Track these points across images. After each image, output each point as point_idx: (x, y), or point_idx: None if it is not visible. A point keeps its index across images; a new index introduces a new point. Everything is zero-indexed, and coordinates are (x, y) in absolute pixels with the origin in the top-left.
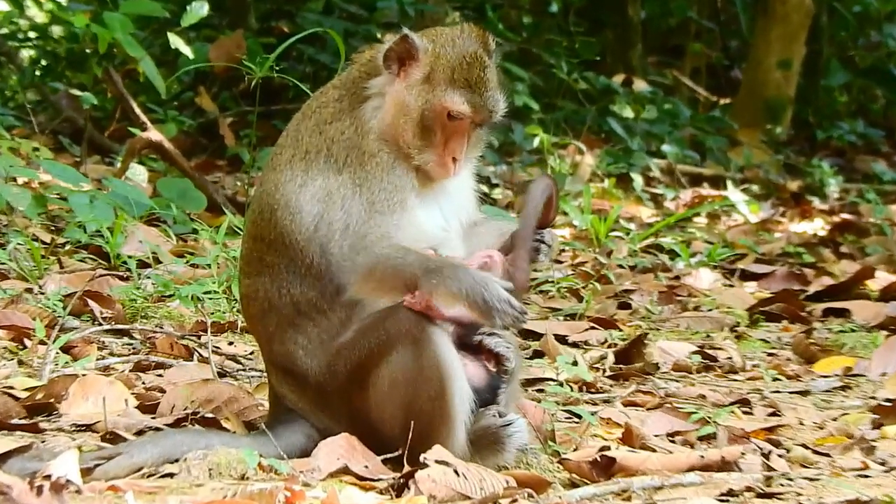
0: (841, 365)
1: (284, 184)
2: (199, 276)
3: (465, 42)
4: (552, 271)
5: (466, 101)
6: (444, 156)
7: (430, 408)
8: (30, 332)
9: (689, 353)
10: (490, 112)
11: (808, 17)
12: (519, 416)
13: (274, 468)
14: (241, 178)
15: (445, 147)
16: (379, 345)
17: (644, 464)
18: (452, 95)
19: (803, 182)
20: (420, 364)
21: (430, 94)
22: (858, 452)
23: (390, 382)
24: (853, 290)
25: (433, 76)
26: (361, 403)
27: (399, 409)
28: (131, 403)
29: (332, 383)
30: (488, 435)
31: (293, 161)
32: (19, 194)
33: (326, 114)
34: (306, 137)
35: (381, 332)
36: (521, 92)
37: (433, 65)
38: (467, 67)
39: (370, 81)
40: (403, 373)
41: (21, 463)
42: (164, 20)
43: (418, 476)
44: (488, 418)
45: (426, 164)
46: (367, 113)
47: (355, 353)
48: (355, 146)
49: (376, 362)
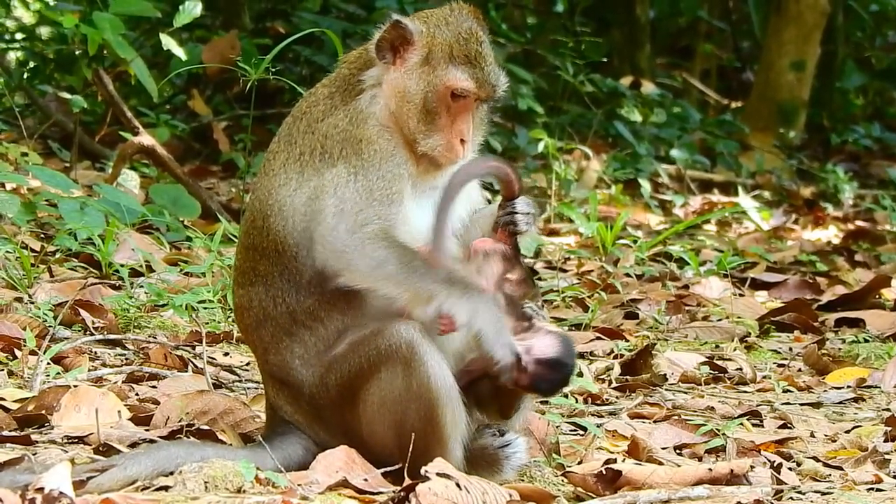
0: (854, 376)
1: (278, 189)
2: (193, 285)
3: (459, 19)
4: (557, 280)
5: (469, 77)
6: (452, 138)
7: (422, 428)
8: (20, 343)
9: (697, 364)
10: (493, 87)
11: (822, 17)
12: (518, 436)
13: (271, 481)
14: (235, 184)
15: (452, 129)
16: (369, 361)
17: (651, 477)
18: (455, 72)
19: (817, 188)
20: (409, 385)
21: (431, 75)
22: (871, 465)
23: (379, 401)
24: (867, 300)
25: (431, 57)
26: (352, 418)
27: (389, 429)
28: (124, 415)
29: (325, 396)
30: (486, 455)
31: (287, 164)
32: (8, 201)
33: (318, 112)
34: (299, 139)
35: (371, 349)
36: (525, 95)
37: (430, 45)
38: (465, 43)
39: (364, 74)
40: (392, 392)
41: (12, 476)
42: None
43: (419, 489)
44: (487, 437)
45: (434, 149)
46: (363, 103)
47: (346, 367)
48: (351, 136)
49: (367, 378)
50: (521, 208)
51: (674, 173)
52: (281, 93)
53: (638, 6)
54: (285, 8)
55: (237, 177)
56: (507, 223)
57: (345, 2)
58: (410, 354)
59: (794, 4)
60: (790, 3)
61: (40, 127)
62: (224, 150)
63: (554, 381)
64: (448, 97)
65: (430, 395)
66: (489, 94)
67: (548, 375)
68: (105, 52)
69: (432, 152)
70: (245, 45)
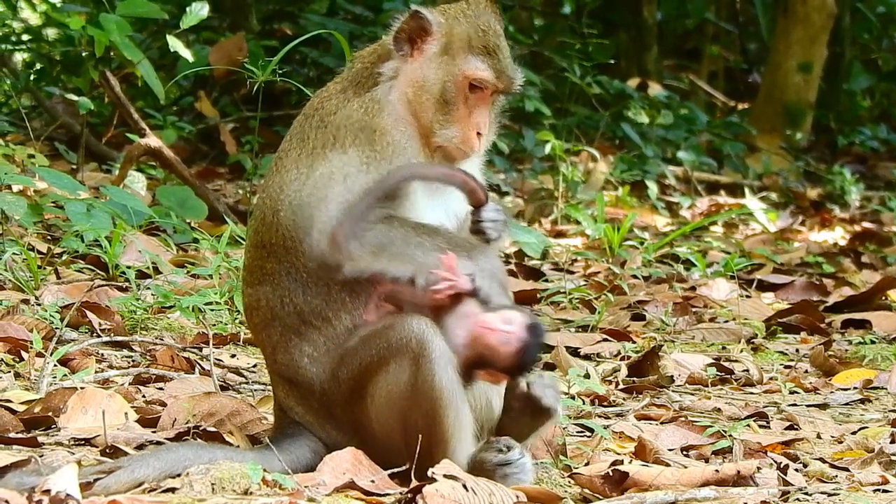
0: (860, 377)
1: (289, 183)
2: (200, 287)
3: (477, 12)
4: (564, 282)
5: (489, 67)
6: (469, 130)
7: (426, 426)
8: (27, 344)
9: (704, 366)
10: (511, 79)
11: (829, 19)
12: (524, 456)
13: (278, 483)
14: (242, 185)
15: (469, 121)
16: (380, 354)
17: (657, 478)
18: (474, 62)
19: (823, 190)
20: (415, 381)
21: (450, 64)
22: (878, 467)
23: (387, 395)
24: (874, 301)
25: (450, 47)
26: (362, 413)
27: (395, 425)
28: (131, 417)
29: (336, 392)
30: (484, 470)
31: (300, 160)
32: (15, 202)
33: (330, 106)
34: (312, 134)
35: (382, 342)
36: (533, 96)
37: (448, 36)
38: (483, 35)
39: (380, 67)
40: (398, 387)
41: (19, 477)
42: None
43: (426, 491)
44: (490, 451)
45: (450, 140)
46: (380, 93)
47: (357, 361)
48: (366, 125)
49: (376, 372)
50: (488, 216)
51: (681, 175)
52: (288, 94)
53: (645, 8)
54: (292, 10)
55: (244, 179)
56: (475, 232)
57: (352, 3)
58: (420, 349)
59: (802, 6)
60: (797, 5)
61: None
62: (231, 152)
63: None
64: (466, 88)
65: (433, 394)
66: (507, 87)
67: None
68: (112, 53)
69: (448, 144)
70: (252, 46)
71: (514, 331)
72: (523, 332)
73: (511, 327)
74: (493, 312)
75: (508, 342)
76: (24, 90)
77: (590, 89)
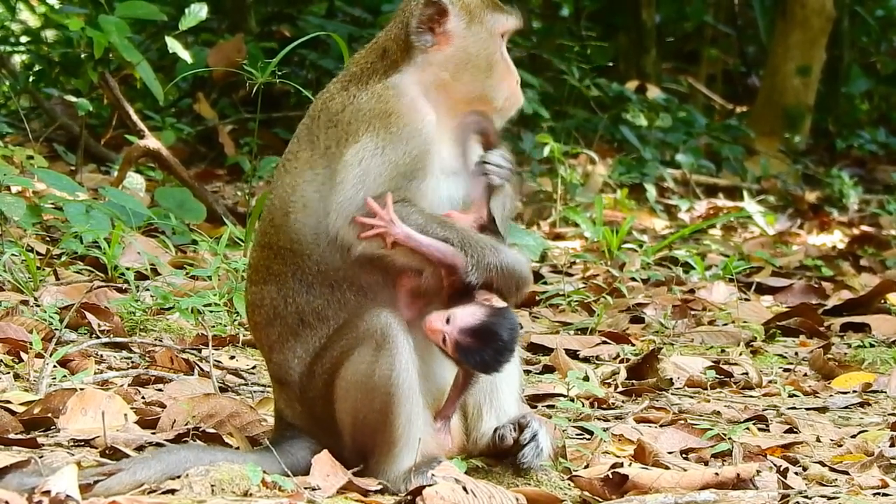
0: (860, 381)
1: (303, 185)
2: (199, 289)
3: None
4: (563, 284)
5: (511, 15)
6: (512, 82)
7: (375, 420)
8: (26, 346)
9: (703, 369)
10: (520, 16)
11: (828, 22)
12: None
13: (278, 485)
14: (241, 187)
15: (509, 73)
16: (348, 342)
17: (657, 481)
18: (500, 18)
19: (822, 193)
20: (373, 371)
21: (484, 30)
22: (877, 470)
23: (346, 385)
24: (873, 305)
25: (474, 15)
26: (330, 407)
27: (349, 415)
28: (131, 418)
29: (313, 388)
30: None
31: (313, 160)
32: (14, 203)
33: (335, 105)
34: (321, 134)
35: (351, 330)
36: (531, 99)
37: (465, 6)
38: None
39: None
40: (356, 376)
41: (19, 478)
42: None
43: (426, 493)
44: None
45: (505, 99)
46: (391, 82)
47: (329, 352)
48: (379, 112)
49: (343, 361)
50: (494, 160)
51: (679, 178)
52: (287, 96)
53: (644, 11)
54: (291, 11)
55: (243, 180)
56: (479, 174)
57: (351, 6)
58: (383, 340)
59: (800, 9)
60: (796, 9)
61: (46, 130)
62: (230, 154)
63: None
64: (499, 42)
65: (389, 389)
66: (523, 25)
67: (474, 346)
68: (111, 55)
69: (504, 104)
70: (251, 48)
71: (449, 331)
72: (458, 334)
73: (448, 328)
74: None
75: (444, 343)
76: (23, 91)
77: (588, 92)
